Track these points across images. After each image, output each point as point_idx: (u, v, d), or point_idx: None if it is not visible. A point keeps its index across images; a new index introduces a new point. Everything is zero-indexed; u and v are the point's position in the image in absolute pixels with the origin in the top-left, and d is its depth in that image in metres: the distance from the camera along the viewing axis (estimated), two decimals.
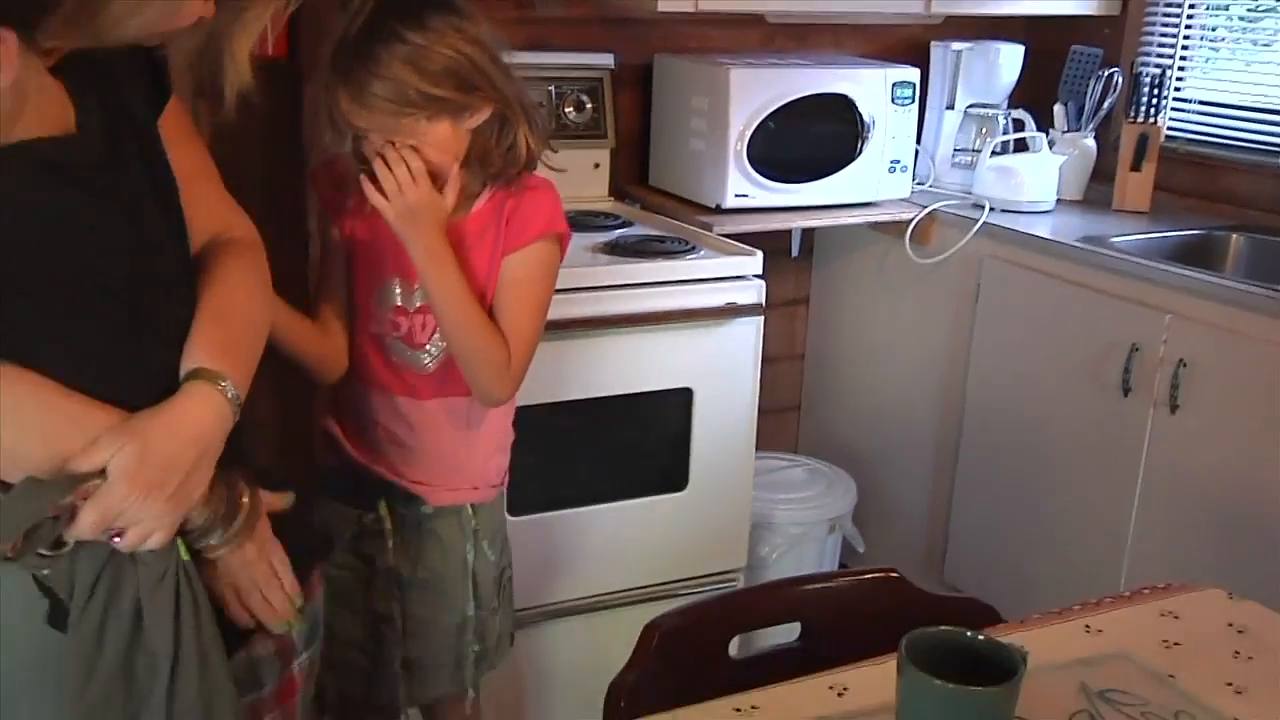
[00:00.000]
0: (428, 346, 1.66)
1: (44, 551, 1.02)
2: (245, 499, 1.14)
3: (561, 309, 2.09)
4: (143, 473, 1.04)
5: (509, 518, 2.12)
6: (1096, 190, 2.84)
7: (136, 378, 1.09)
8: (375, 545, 1.72)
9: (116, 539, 1.04)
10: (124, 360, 1.10)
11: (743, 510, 2.41)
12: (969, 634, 1.04)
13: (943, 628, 1.03)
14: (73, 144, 1.07)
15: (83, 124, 1.08)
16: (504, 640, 1.84)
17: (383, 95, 1.49)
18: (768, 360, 2.37)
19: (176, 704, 1.07)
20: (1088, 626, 1.29)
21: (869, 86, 2.61)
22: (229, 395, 1.12)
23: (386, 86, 1.48)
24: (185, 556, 1.09)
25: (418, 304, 1.65)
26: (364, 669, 1.76)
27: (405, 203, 1.53)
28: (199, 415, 1.09)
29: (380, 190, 1.53)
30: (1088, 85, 2.84)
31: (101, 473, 1.02)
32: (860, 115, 2.60)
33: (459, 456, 1.71)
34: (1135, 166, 2.75)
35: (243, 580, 1.16)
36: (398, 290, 1.66)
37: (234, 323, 1.18)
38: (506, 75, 1.57)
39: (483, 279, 1.62)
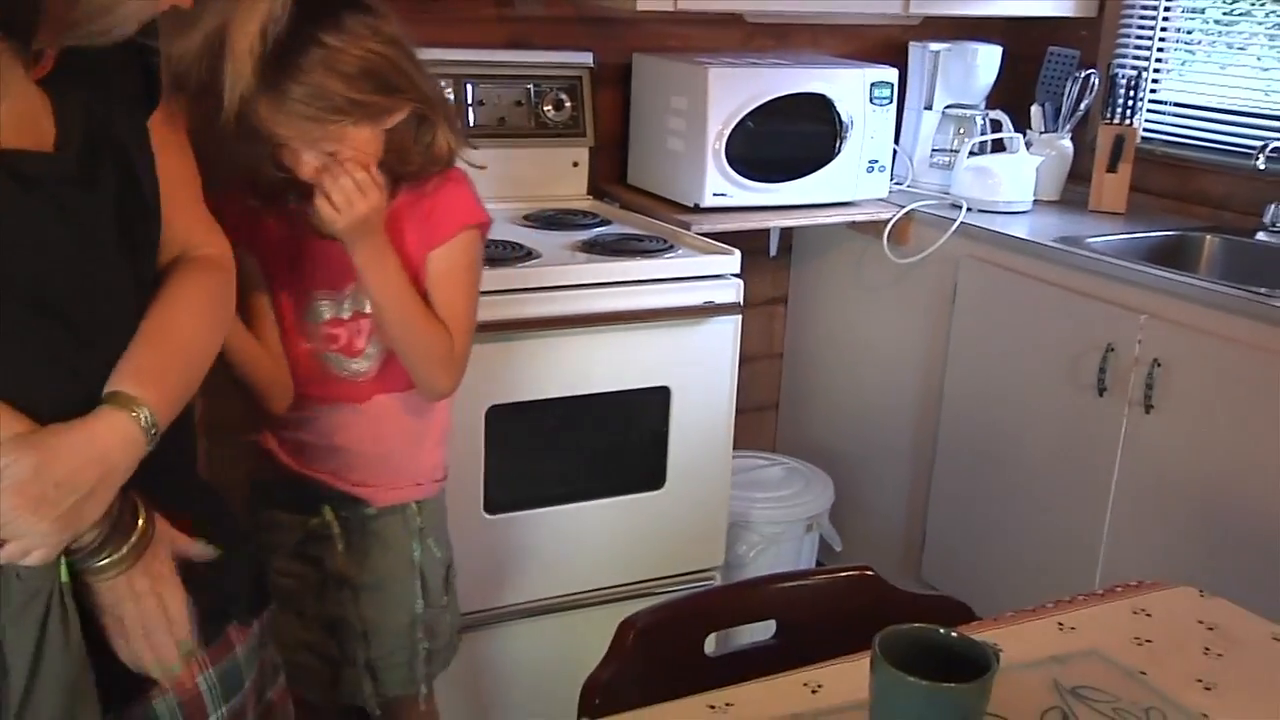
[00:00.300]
0: (366, 350, 1.64)
1: None
2: (140, 522, 1.10)
3: (540, 307, 2.10)
4: (34, 486, 1.01)
5: (485, 515, 2.14)
6: (1073, 191, 2.86)
7: (72, 395, 1.07)
8: (323, 549, 1.70)
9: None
10: (59, 376, 1.07)
11: (720, 509, 2.41)
12: (942, 631, 1.04)
13: (916, 625, 1.04)
14: (45, 160, 1.05)
15: (61, 139, 1.06)
16: (453, 637, 1.83)
17: (305, 102, 1.44)
18: (746, 359, 2.38)
19: None
20: (1060, 624, 1.30)
21: (847, 86, 2.62)
22: (143, 423, 1.08)
23: (308, 92, 1.44)
24: (64, 579, 1.05)
25: (349, 312, 1.62)
26: (319, 672, 1.74)
27: (355, 213, 1.49)
28: (106, 439, 1.07)
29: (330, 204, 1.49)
30: (1064, 86, 2.86)
31: None
32: (838, 115, 2.61)
33: (401, 455, 1.70)
34: (1111, 168, 2.77)
35: (127, 612, 1.10)
36: (325, 304, 1.63)
37: (167, 347, 1.15)
38: (424, 73, 1.55)
39: (408, 277, 1.60)
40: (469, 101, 2.54)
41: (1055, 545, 2.46)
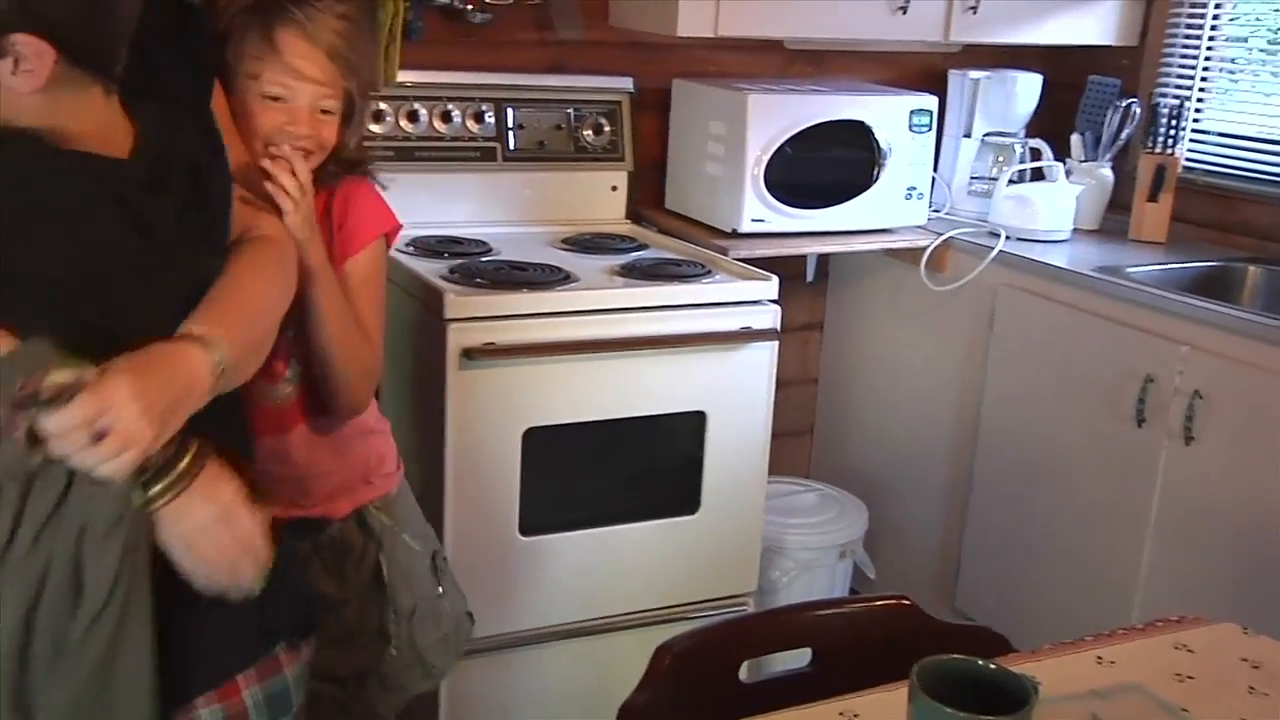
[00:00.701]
0: (286, 375, 1.58)
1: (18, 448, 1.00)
2: (195, 446, 1.12)
3: (577, 330, 2.12)
4: (140, 383, 1.04)
5: (520, 537, 2.15)
6: (1113, 220, 2.85)
7: None
8: (308, 577, 1.65)
9: (95, 444, 1.01)
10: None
11: (754, 534, 2.41)
12: (980, 663, 1.04)
13: (954, 656, 1.03)
14: (117, 164, 1.10)
15: (137, 149, 1.12)
16: (462, 622, 1.80)
17: (338, 34, 1.47)
18: (781, 384, 2.37)
19: (87, 653, 1.05)
20: (1100, 658, 1.29)
21: (886, 113, 2.62)
22: (215, 360, 1.11)
23: (343, 27, 1.47)
24: (139, 503, 1.08)
25: None
26: (333, 696, 1.70)
27: (308, 206, 1.47)
28: (185, 359, 1.10)
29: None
30: (1105, 115, 2.85)
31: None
32: (877, 142, 2.61)
33: (342, 463, 1.64)
34: (1152, 197, 2.75)
35: (199, 537, 1.13)
36: None
37: (237, 302, 1.19)
38: (371, 63, 1.57)
39: None
40: (509, 125, 2.57)
41: (1092, 577, 2.44)
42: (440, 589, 1.76)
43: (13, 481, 1.02)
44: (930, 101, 2.68)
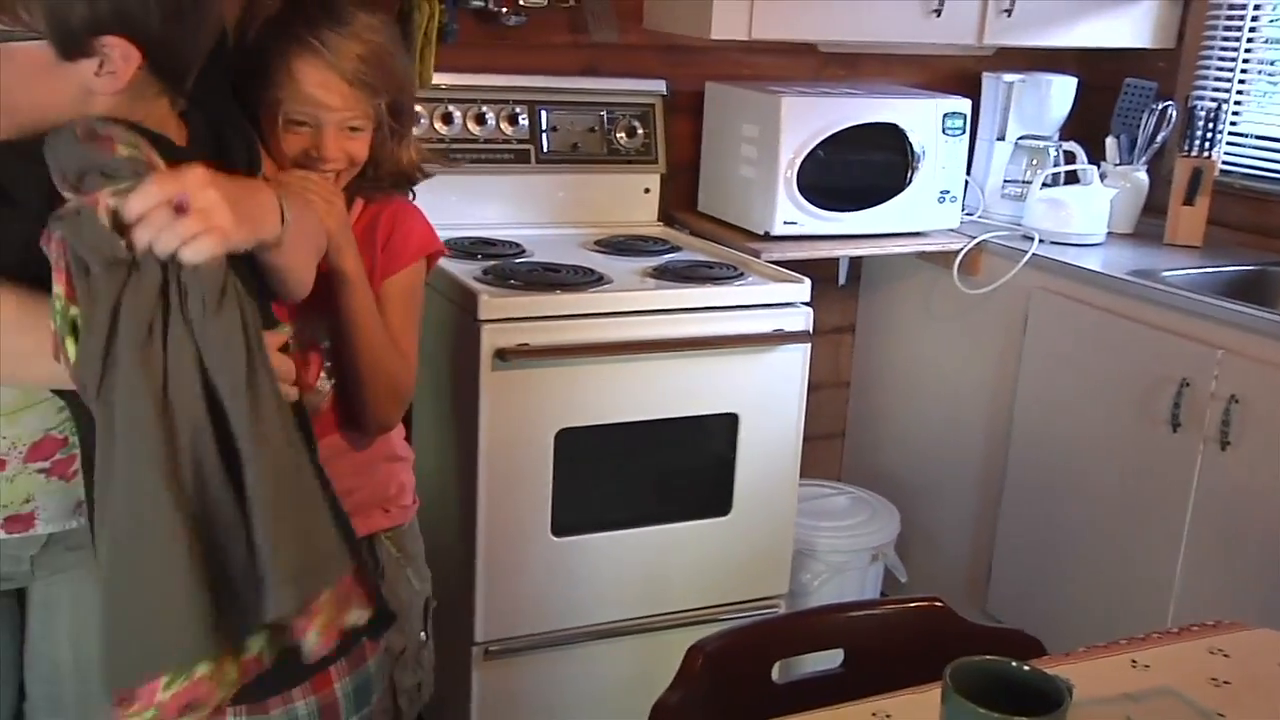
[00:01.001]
0: (317, 387, 1.57)
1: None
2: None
3: (609, 332, 2.12)
4: (213, 174, 1.06)
5: (552, 538, 2.16)
6: (1148, 224, 2.83)
7: None
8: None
9: (180, 214, 1.02)
10: None
11: (785, 537, 2.41)
12: (1014, 664, 1.04)
13: (988, 657, 1.03)
14: (179, 148, 1.14)
15: (192, 142, 1.16)
16: (430, 677, 1.76)
17: (361, 59, 1.46)
18: (814, 387, 2.37)
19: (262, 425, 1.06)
20: (1134, 661, 1.29)
21: (920, 116, 2.62)
22: (282, 208, 1.14)
23: (365, 50, 1.46)
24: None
25: (296, 346, 1.55)
26: None
27: (338, 211, 1.47)
28: (261, 185, 1.16)
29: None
30: (1141, 118, 2.83)
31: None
32: (910, 145, 2.61)
33: (365, 484, 1.63)
34: (1188, 200, 2.73)
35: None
36: None
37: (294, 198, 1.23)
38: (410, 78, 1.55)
39: None
40: (543, 128, 2.58)
41: (1126, 582, 2.43)
42: (425, 636, 1.73)
43: (103, 267, 1.00)
44: (964, 104, 2.67)
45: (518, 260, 2.33)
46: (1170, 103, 2.82)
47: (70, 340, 1.02)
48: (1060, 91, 2.88)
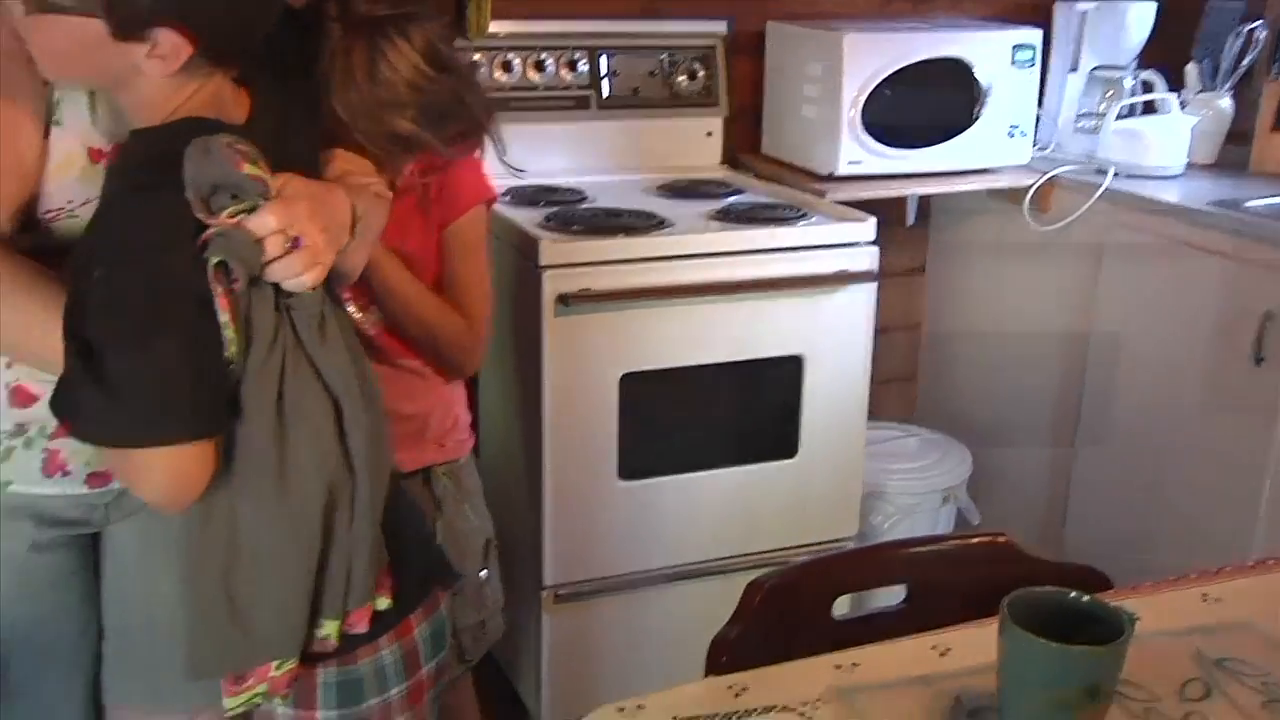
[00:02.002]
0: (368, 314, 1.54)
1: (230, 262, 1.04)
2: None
3: (673, 275, 2.11)
4: (313, 204, 1.10)
5: (619, 482, 2.17)
6: (1232, 153, 2.73)
7: None
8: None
9: (291, 249, 1.07)
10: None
11: (854, 478, 2.39)
12: (1074, 595, 1.02)
13: (1047, 588, 1.01)
14: (236, 127, 1.15)
15: (255, 118, 1.18)
16: (497, 616, 1.77)
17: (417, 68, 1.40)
18: (885, 329, 2.35)
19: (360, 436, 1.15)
20: (1205, 595, 1.26)
21: (988, 49, 2.55)
22: (355, 205, 1.18)
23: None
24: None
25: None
26: None
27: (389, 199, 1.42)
28: (341, 197, 1.18)
29: None
30: (1225, 42, 2.72)
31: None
32: (977, 80, 2.54)
33: (419, 411, 1.63)
34: (1276, 127, 2.63)
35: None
36: None
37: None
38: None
39: (423, 256, 1.57)
40: (603, 73, 2.57)
41: (1207, 522, 2.37)
42: (486, 573, 1.74)
43: (244, 270, 1.05)
44: (1034, 35, 2.59)
45: (580, 206, 2.33)
46: (1259, 23, 2.70)
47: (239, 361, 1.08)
48: (1138, 17, 2.78)
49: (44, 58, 1.10)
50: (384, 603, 1.22)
